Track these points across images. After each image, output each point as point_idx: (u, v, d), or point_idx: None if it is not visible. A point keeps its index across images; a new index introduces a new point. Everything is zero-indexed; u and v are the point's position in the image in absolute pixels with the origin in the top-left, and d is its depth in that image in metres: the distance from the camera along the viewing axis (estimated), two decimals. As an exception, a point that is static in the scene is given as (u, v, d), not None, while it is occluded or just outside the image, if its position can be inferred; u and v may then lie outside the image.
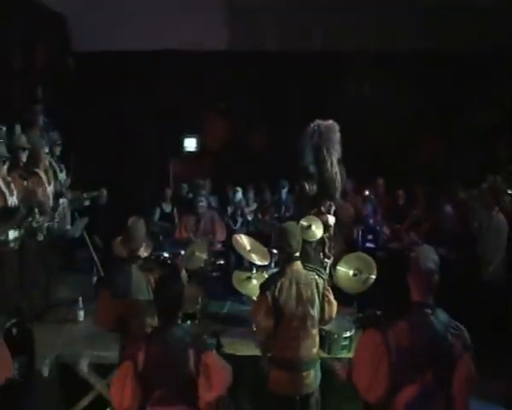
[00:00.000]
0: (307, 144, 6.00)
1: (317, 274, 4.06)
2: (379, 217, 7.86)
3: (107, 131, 10.33)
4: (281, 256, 4.14)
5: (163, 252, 6.64)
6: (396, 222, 7.82)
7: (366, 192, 8.42)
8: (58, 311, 6.54)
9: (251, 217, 8.66)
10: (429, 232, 7.34)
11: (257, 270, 5.79)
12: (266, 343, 3.98)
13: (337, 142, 6.01)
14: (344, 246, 6.75)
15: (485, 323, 5.31)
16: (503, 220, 6.41)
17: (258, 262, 5.88)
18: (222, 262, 7.25)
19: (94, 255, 7.60)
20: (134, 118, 10.46)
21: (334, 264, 5.83)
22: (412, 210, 7.90)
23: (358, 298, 6.04)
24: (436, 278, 2.84)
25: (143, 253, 4.28)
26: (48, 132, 7.83)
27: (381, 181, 8.66)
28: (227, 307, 6.65)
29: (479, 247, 6.56)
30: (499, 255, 6.33)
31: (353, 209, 7.57)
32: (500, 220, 6.41)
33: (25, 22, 9.40)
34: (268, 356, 4.00)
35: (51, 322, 6.17)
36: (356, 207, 7.77)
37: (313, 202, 5.90)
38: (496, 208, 6.44)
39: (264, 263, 5.91)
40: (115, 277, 4.25)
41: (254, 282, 5.52)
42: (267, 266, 5.95)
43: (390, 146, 10.24)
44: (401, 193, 8.09)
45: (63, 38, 10.87)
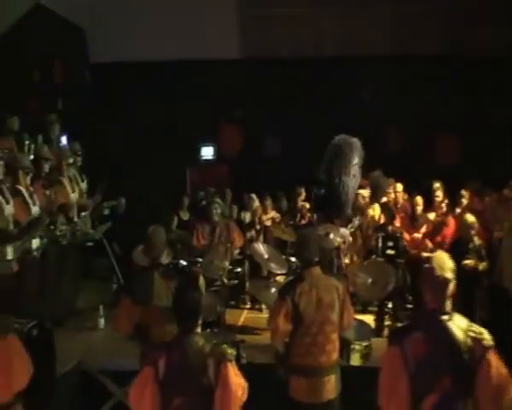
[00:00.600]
0: (325, 155, 6.12)
1: (337, 280, 4.06)
2: (398, 223, 7.79)
3: (124, 140, 10.44)
4: (300, 262, 4.15)
5: (181, 260, 6.67)
6: (416, 228, 7.74)
7: (385, 199, 8.35)
8: (79, 318, 6.62)
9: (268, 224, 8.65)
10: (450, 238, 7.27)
11: (274, 278, 5.81)
12: (283, 350, 3.97)
13: (354, 159, 6.08)
14: (363, 253, 6.75)
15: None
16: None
17: (276, 270, 5.89)
18: (239, 270, 7.26)
19: (114, 263, 7.67)
20: (151, 127, 10.55)
21: (352, 271, 5.82)
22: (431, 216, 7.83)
23: (377, 306, 6.03)
24: (452, 286, 2.83)
25: (164, 260, 4.33)
26: (69, 143, 7.94)
27: (400, 187, 8.59)
28: (244, 316, 6.66)
29: (500, 253, 6.46)
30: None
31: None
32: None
33: (44, 35, 9.57)
34: (286, 363, 3.98)
35: (72, 329, 6.24)
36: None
37: (325, 212, 5.99)
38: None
39: (281, 271, 5.91)
40: (136, 284, 4.30)
41: (273, 290, 5.52)
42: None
43: (408, 151, 10.22)
44: (419, 199, 8.00)
45: (81, 51, 11.02)
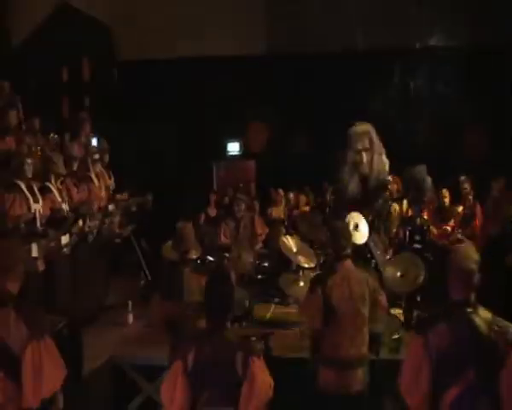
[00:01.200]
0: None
1: (369, 273, 4.03)
2: (426, 216, 7.70)
3: (151, 137, 10.53)
4: (332, 254, 4.14)
5: (208, 256, 6.71)
6: (443, 221, 7.65)
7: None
8: (108, 314, 6.70)
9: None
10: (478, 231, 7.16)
11: (303, 272, 5.79)
12: (315, 341, 3.97)
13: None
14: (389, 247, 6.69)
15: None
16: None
17: (305, 264, 5.87)
18: (266, 264, 7.27)
19: (141, 260, 7.74)
20: (178, 123, 10.61)
21: (382, 265, 5.76)
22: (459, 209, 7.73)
23: (406, 299, 5.95)
24: (477, 278, 2.79)
25: (194, 255, 4.36)
26: (96, 140, 8.04)
27: (428, 180, 8.48)
28: (273, 310, 6.65)
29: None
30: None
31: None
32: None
33: (71, 34, 9.69)
34: (317, 355, 3.98)
35: (102, 325, 6.32)
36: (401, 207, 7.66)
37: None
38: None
39: (311, 265, 5.89)
40: (167, 280, 4.37)
41: (301, 284, 5.51)
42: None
43: (435, 143, 10.08)
44: (446, 192, 7.91)
45: (108, 49, 11.14)
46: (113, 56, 11.27)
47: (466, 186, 7.90)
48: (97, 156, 7.25)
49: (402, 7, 10.66)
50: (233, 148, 11.62)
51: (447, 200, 7.78)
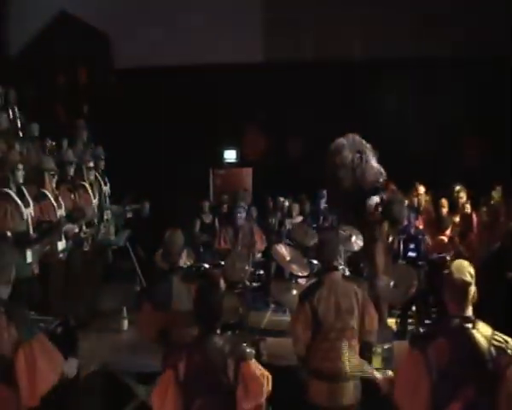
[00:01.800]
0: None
1: (357, 285, 4.03)
2: (421, 226, 7.71)
3: (148, 143, 10.55)
4: (321, 266, 4.15)
5: (203, 263, 6.71)
6: (439, 231, 7.65)
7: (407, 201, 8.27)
8: (102, 320, 6.70)
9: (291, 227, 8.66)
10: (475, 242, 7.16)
11: (296, 280, 5.80)
12: (305, 354, 3.96)
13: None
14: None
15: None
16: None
17: (298, 273, 5.89)
18: (261, 273, 7.29)
19: (136, 266, 7.75)
20: (174, 130, 10.64)
21: (375, 275, 5.78)
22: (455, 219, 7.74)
23: (401, 309, 5.97)
24: (473, 291, 2.78)
25: (184, 263, 4.33)
26: (92, 147, 8.06)
27: (423, 189, 8.50)
28: (267, 318, 6.66)
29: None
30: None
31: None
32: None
33: (69, 42, 9.74)
34: (307, 367, 3.98)
35: (96, 331, 6.29)
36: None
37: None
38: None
39: (303, 274, 5.90)
40: (157, 288, 4.30)
41: (294, 292, 5.52)
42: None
43: (431, 153, 10.12)
44: (444, 201, 7.92)
45: (106, 56, 11.18)
46: (111, 64, 11.31)
47: (462, 195, 7.91)
48: (92, 164, 7.27)
49: (400, 16, 10.75)
50: (230, 155, 11.65)
51: (445, 210, 7.77)
